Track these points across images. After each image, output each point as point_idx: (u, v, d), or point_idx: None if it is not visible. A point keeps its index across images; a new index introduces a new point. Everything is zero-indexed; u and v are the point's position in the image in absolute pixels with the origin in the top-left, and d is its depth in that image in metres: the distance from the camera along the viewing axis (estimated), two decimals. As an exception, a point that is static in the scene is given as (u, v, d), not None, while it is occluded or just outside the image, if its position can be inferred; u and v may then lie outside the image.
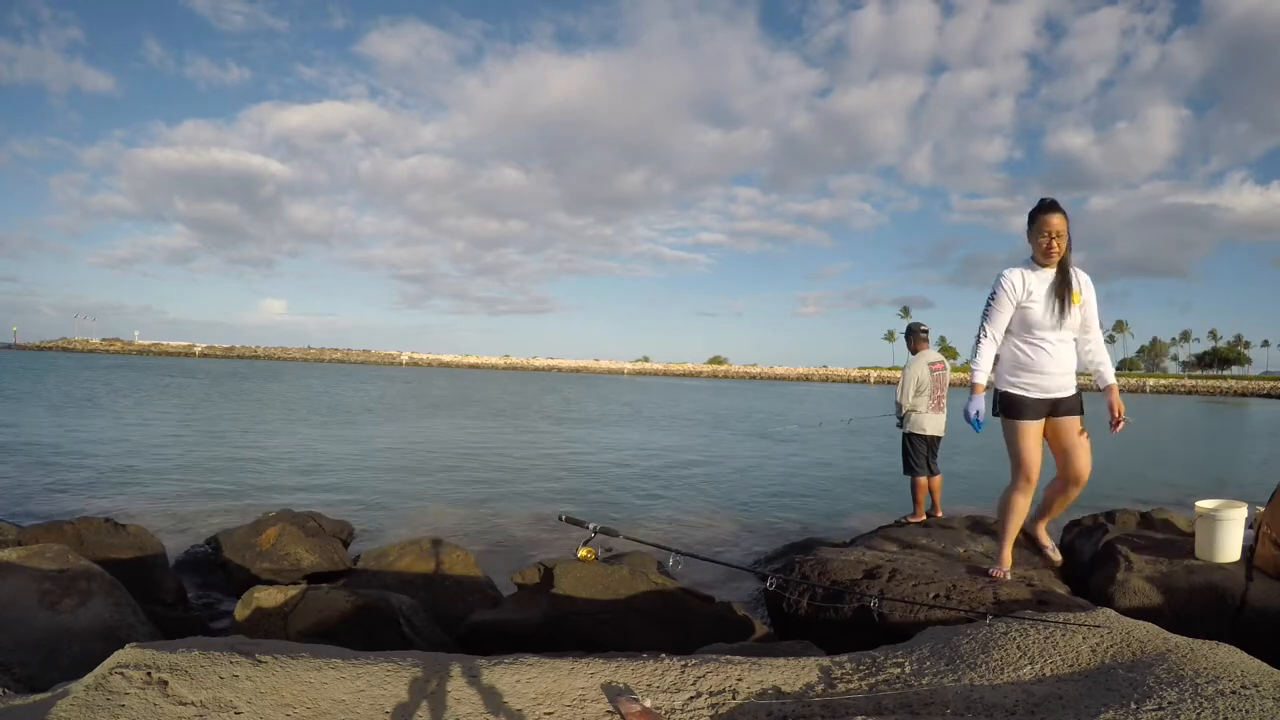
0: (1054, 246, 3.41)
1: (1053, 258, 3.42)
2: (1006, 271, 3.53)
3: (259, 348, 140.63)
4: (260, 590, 3.13)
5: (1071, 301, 3.45)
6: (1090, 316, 3.56)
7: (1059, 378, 3.52)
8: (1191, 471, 14.30)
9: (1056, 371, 3.50)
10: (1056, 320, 3.44)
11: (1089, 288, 3.57)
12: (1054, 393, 3.52)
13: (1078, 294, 3.48)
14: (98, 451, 11.76)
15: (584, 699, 1.52)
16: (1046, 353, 3.49)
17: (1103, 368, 3.62)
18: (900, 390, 6.68)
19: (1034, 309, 3.45)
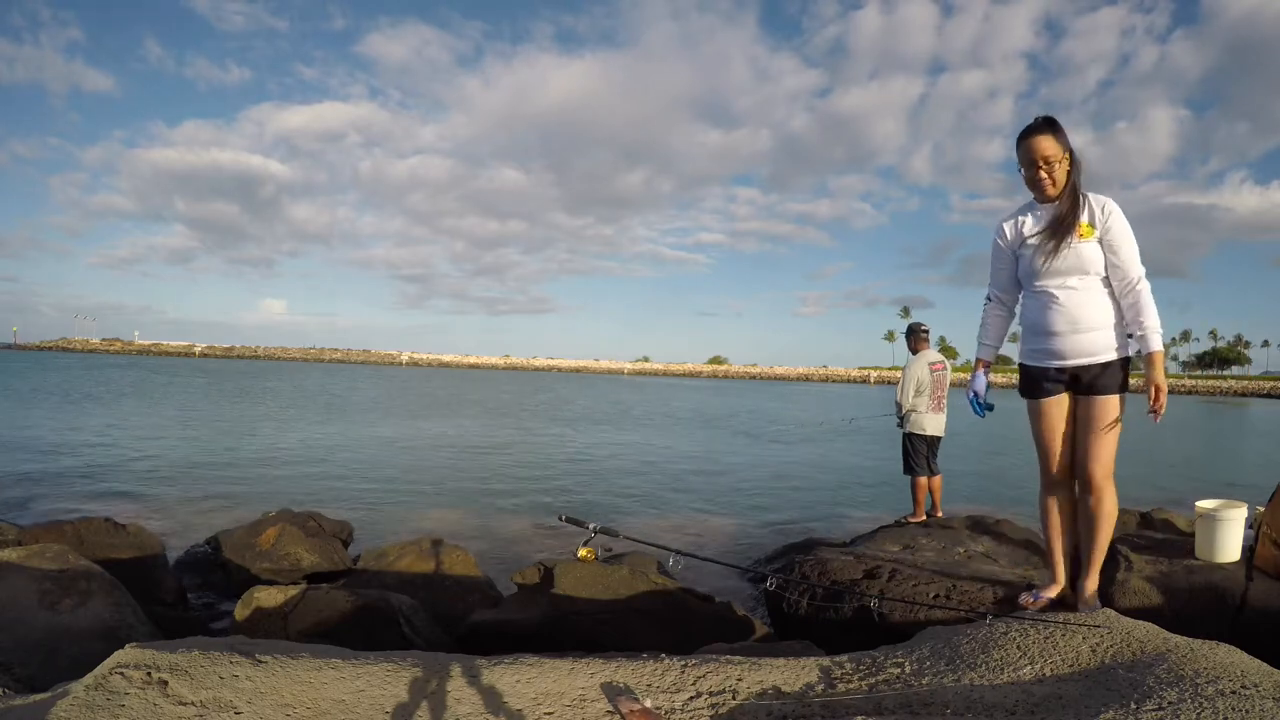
0: (1042, 177, 2.72)
1: (1046, 190, 2.74)
2: (1001, 220, 2.98)
3: (259, 348, 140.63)
4: (260, 590, 3.13)
5: (1079, 237, 2.71)
6: (1120, 253, 2.72)
7: (1074, 338, 2.75)
8: (1191, 471, 14.30)
9: (1067, 329, 2.75)
10: (1051, 262, 2.74)
11: (1113, 216, 2.74)
12: (1070, 358, 2.76)
13: (1088, 226, 2.72)
14: (98, 451, 11.76)
15: (584, 699, 1.52)
16: (1052, 307, 2.77)
17: (1141, 325, 2.70)
18: (900, 390, 6.68)
19: (1028, 253, 2.80)
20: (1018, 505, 9.34)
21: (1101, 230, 2.74)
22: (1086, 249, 2.73)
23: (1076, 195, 2.77)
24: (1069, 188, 2.76)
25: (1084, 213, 2.76)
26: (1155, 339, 2.71)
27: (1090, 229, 2.74)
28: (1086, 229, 2.73)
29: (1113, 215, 2.76)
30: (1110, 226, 2.74)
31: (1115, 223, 2.76)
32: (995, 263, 2.97)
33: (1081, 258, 2.74)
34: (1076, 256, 2.73)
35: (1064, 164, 2.73)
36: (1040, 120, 2.79)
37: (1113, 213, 2.77)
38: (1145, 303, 2.73)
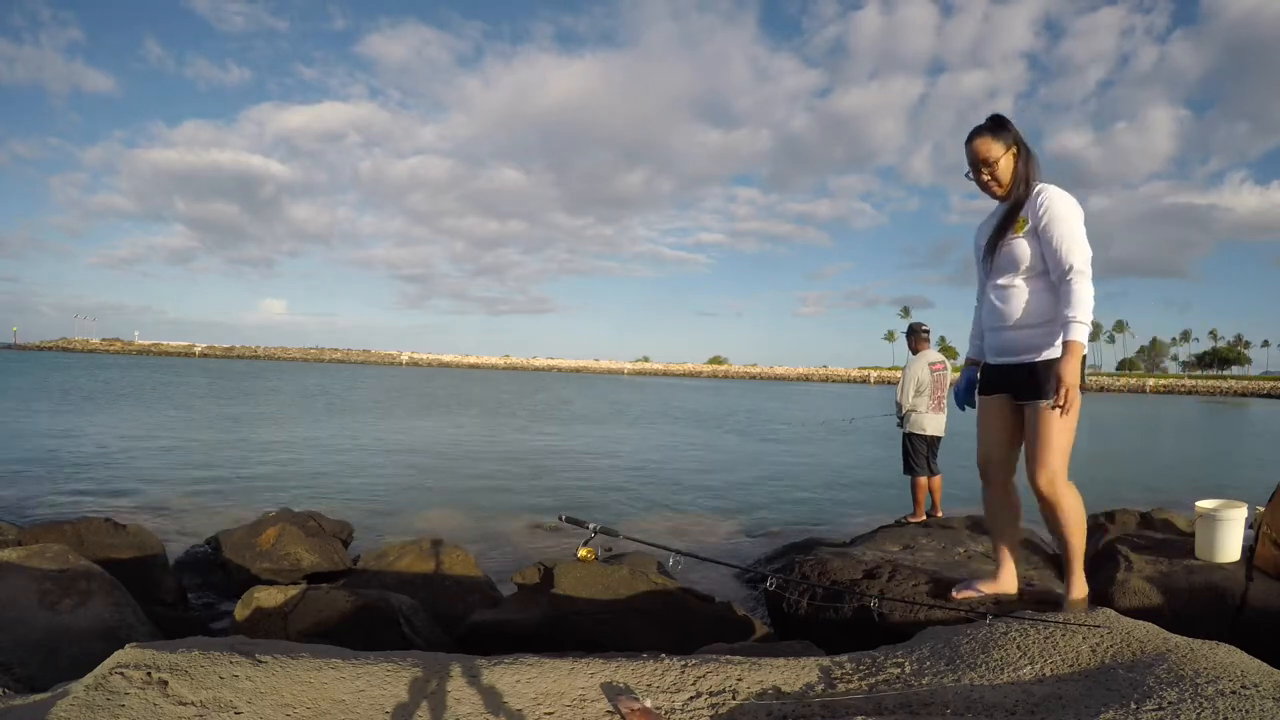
0: (986, 179, 2.68)
1: (993, 191, 2.70)
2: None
3: (259, 348, 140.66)
4: (260, 590, 3.13)
5: (1015, 232, 2.63)
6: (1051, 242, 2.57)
7: (1001, 335, 2.72)
8: (1191, 471, 14.30)
9: (997, 326, 2.73)
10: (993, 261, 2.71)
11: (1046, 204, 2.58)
12: (997, 356, 2.77)
13: (1022, 220, 2.63)
14: (98, 451, 11.76)
15: (584, 699, 1.52)
16: (991, 305, 2.75)
17: (1062, 315, 2.53)
18: (900, 390, 6.68)
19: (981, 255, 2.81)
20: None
21: (1035, 222, 2.62)
22: (1018, 245, 2.64)
23: (1025, 190, 2.67)
24: (1017, 183, 2.68)
25: (1026, 207, 2.66)
26: (1074, 329, 2.49)
27: (1024, 222, 2.64)
28: (1021, 223, 2.64)
29: (1045, 204, 2.59)
30: (1041, 216, 2.60)
31: (1047, 211, 2.59)
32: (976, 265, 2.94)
33: (1014, 254, 2.66)
34: (1010, 254, 2.66)
35: (1008, 161, 2.64)
36: (986, 122, 2.71)
37: (1045, 201, 2.60)
38: (1073, 293, 2.52)
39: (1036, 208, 2.59)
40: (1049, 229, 2.58)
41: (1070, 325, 2.50)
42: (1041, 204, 2.59)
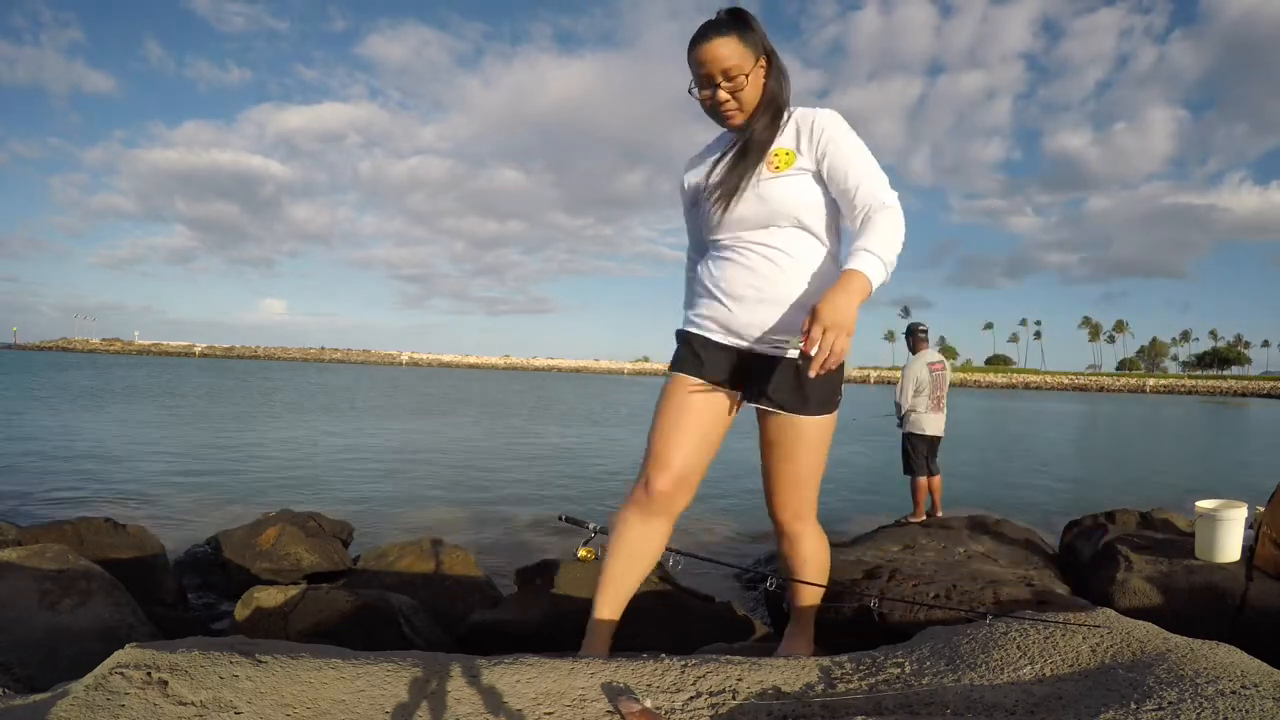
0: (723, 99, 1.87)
1: (730, 118, 1.91)
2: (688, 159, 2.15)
3: (259, 348, 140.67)
4: (260, 590, 3.13)
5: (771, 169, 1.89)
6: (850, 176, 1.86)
7: (759, 309, 1.90)
8: (1191, 471, 14.31)
9: (750, 294, 1.91)
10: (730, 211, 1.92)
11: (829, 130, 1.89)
12: (748, 334, 1.93)
13: (787, 153, 1.89)
14: (97, 451, 11.76)
15: (584, 699, 1.52)
16: (731, 266, 1.94)
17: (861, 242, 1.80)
18: (900, 390, 6.69)
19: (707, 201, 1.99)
20: (1018, 505, 9.34)
21: (815, 154, 1.89)
22: (781, 187, 1.88)
23: (776, 115, 1.93)
24: (766, 107, 1.91)
25: (783, 136, 1.92)
26: (866, 259, 1.76)
27: (791, 156, 1.89)
28: (784, 157, 1.89)
29: (826, 130, 1.88)
30: (824, 146, 1.88)
31: (833, 141, 1.88)
32: (685, 215, 2.17)
33: (774, 200, 1.88)
34: (771, 197, 1.88)
35: (757, 76, 1.87)
36: (719, 15, 1.88)
37: (826, 127, 1.89)
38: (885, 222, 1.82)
39: (813, 136, 1.89)
40: (845, 161, 1.87)
41: (862, 254, 1.77)
42: (820, 131, 1.89)
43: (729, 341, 1.97)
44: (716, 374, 1.99)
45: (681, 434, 1.97)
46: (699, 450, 1.99)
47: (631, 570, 2.00)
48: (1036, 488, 11.34)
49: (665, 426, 1.98)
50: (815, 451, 2.11)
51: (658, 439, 1.98)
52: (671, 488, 1.95)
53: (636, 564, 2.00)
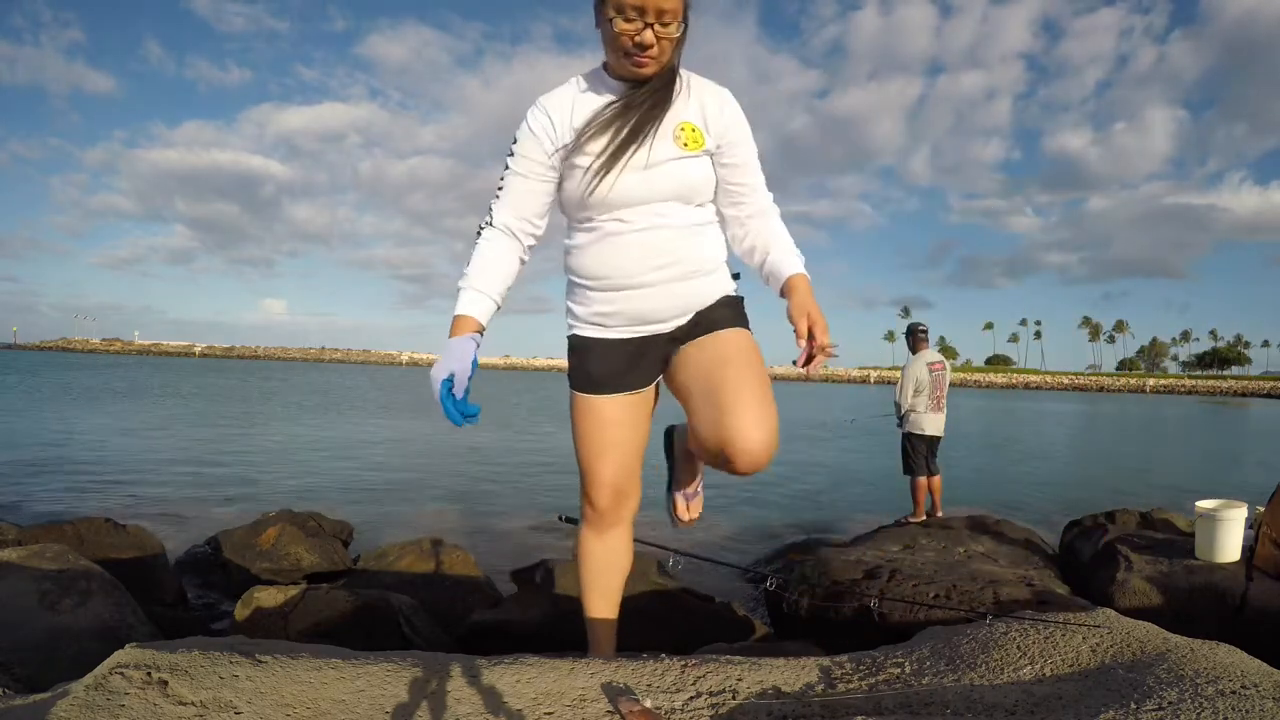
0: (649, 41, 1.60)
1: (643, 67, 1.65)
2: (538, 103, 1.75)
3: (259, 348, 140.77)
4: (260, 590, 3.13)
5: (680, 145, 1.71)
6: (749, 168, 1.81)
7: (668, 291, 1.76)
8: (1191, 471, 14.30)
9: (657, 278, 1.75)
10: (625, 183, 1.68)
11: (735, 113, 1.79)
12: (656, 323, 1.80)
13: (694, 129, 1.73)
14: (98, 451, 11.76)
15: (584, 699, 1.52)
16: (630, 245, 1.73)
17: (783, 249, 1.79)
18: (899, 390, 6.69)
19: (584, 166, 1.70)
20: (1018, 505, 9.34)
21: (718, 138, 1.76)
22: (694, 169, 1.73)
23: (673, 77, 1.73)
24: (669, 68, 1.71)
25: (687, 107, 1.74)
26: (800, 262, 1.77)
27: (699, 135, 1.73)
28: (693, 135, 1.72)
29: (738, 118, 1.79)
30: (733, 135, 1.78)
31: (739, 123, 1.79)
32: (516, 169, 1.75)
33: (681, 181, 1.73)
34: (671, 178, 1.71)
35: (677, 28, 1.63)
36: None
37: (737, 114, 1.79)
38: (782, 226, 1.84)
39: (722, 120, 1.76)
40: (746, 155, 1.80)
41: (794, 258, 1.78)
42: (729, 116, 1.77)
43: (635, 334, 1.81)
44: (622, 380, 1.84)
45: (606, 450, 1.87)
46: (627, 459, 1.90)
47: (609, 574, 1.99)
48: (1036, 488, 11.33)
49: (588, 449, 1.89)
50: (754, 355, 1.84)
51: (584, 460, 1.90)
52: (612, 501, 1.92)
53: (612, 571, 1.99)
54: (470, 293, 1.74)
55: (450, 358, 1.62)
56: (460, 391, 1.58)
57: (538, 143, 1.74)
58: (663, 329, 1.81)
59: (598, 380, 1.84)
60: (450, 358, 1.62)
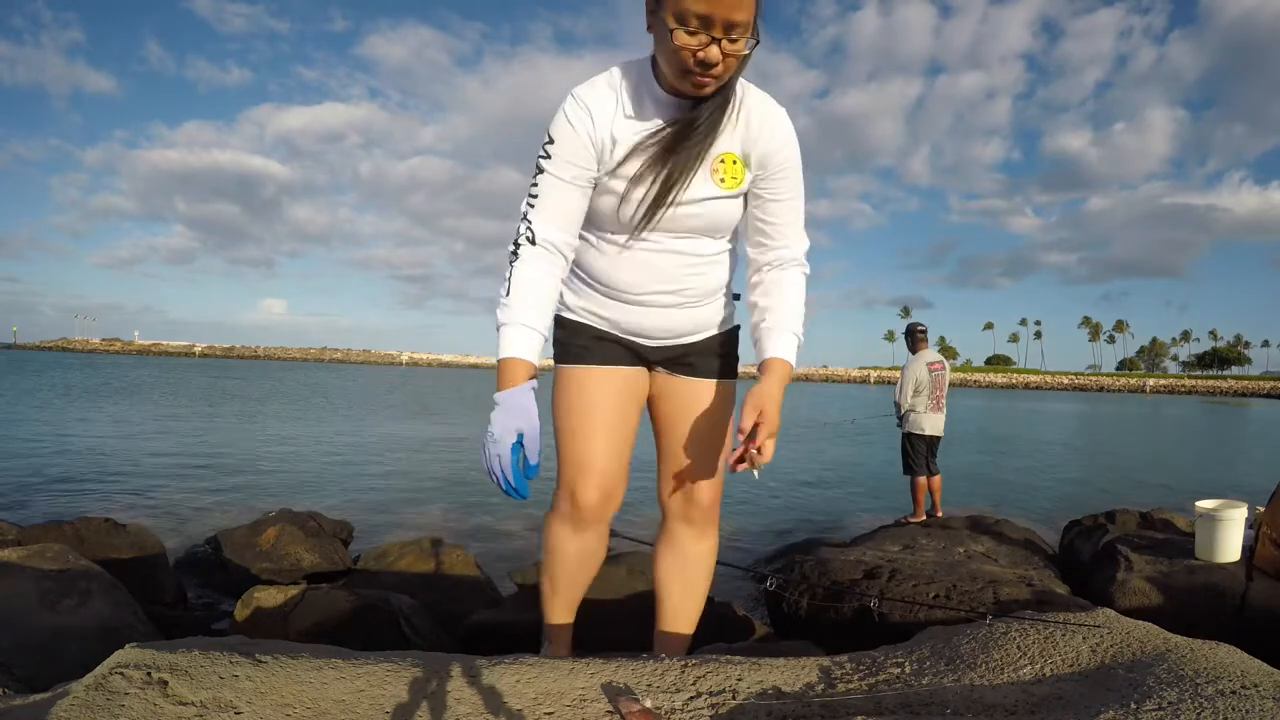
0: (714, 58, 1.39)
1: (701, 84, 1.45)
2: (577, 96, 1.54)
3: (259, 348, 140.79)
4: (260, 590, 3.13)
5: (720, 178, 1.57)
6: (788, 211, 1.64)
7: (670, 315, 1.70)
8: (1191, 471, 14.30)
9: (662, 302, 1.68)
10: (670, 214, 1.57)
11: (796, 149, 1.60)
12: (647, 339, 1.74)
13: (733, 160, 1.57)
14: (98, 451, 11.75)
15: (584, 699, 1.52)
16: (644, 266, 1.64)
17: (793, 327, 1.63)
18: (899, 390, 6.69)
19: (623, 188, 1.56)
20: (1018, 505, 9.34)
21: (758, 172, 1.59)
22: (728, 209, 1.62)
23: (730, 99, 1.54)
24: (733, 84, 1.53)
25: (731, 130, 1.56)
26: (791, 345, 1.62)
27: (740, 171, 1.58)
28: (734, 170, 1.57)
29: (789, 155, 1.59)
30: (780, 173, 1.60)
31: (791, 167, 1.60)
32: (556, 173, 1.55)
33: (715, 218, 1.61)
34: (703, 215, 1.59)
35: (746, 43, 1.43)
36: None
37: (788, 149, 1.59)
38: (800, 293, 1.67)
39: (767, 154, 1.58)
40: (790, 196, 1.63)
41: (788, 338, 1.62)
42: (778, 151, 1.58)
43: (623, 337, 1.75)
44: (615, 355, 1.74)
45: (597, 432, 1.72)
46: (620, 445, 1.76)
47: (582, 575, 1.90)
48: (1036, 488, 11.33)
49: (576, 431, 1.72)
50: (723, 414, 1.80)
51: (571, 445, 1.73)
52: (601, 497, 1.74)
53: (586, 572, 1.91)
54: (518, 329, 1.50)
55: (512, 414, 1.41)
56: (534, 456, 1.40)
57: (580, 143, 1.54)
58: (650, 342, 1.76)
59: (589, 351, 1.73)
60: (512, 414, 1.41)
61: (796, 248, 1.68)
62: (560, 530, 1.83)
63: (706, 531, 1.85)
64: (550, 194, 1.56)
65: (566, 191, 1.56)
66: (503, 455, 1.38)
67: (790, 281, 1.66)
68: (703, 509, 1.81)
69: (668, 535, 1.87)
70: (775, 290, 1.66)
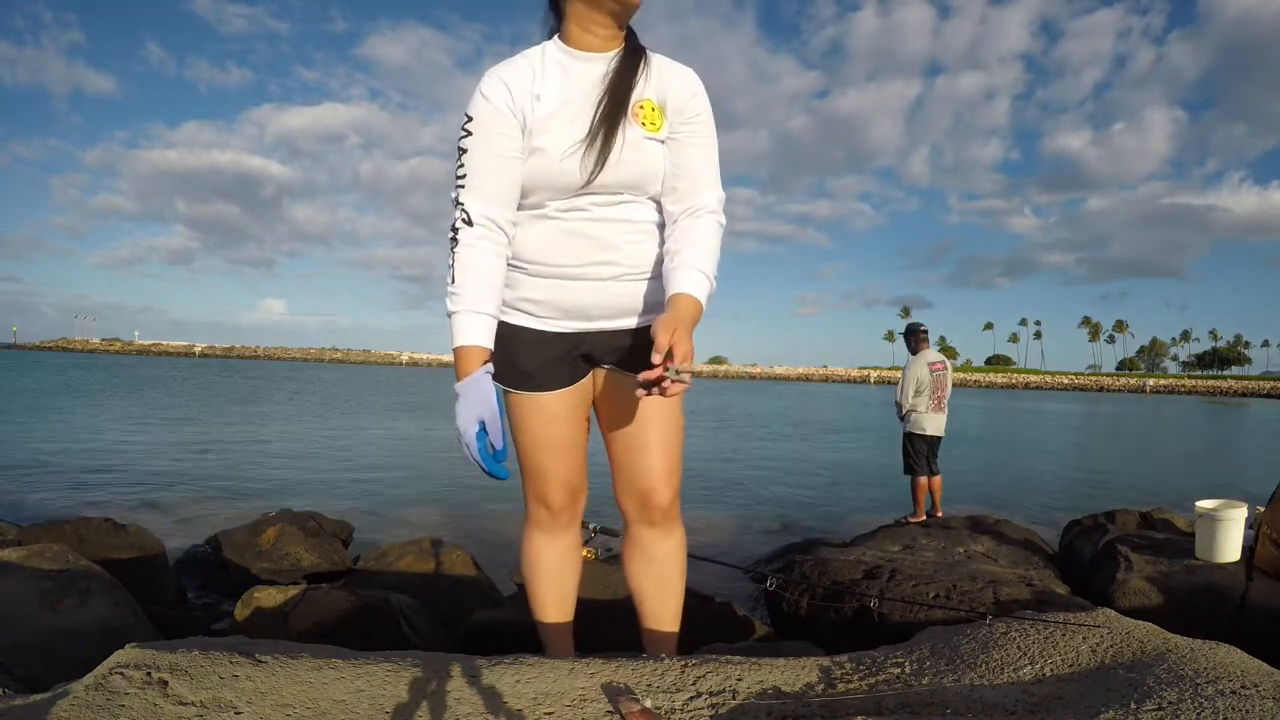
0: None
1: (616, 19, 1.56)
2: (490, 74, 1.57)
3: (259, 348, 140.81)
4: (260, 590, 3.13)
5: (642, 125, 1.57)
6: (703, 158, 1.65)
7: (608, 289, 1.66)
8: (1191, 471, 14.31)
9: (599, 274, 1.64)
10: (601, 169, 1.55)
11: (701, 96, 1.64)
12: (587, 319, 1.69)
13: (651, 105, 1.59)
14: (98, 451, 11.75)
15: (584, 699, 1.52)
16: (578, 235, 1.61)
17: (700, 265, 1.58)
18: (900, 390, 6.69)
19: (551, 146, 1.55)
20: (1018, 505, 9.34)
21: (675, 122, 1.61)
22: (654, 153, 1.60)
23: (642, 51, 1.62)
24: (631, 34, 1.63)
25: (645, 83, 1.60)
26: (701, 283, 1.57)
27: (659, 116, 1.59)
28: (653, 115, 1.58)
29: (702, 103, 1.64)
30: (694, 121, 1.62)
31: (705, 109, 1.64)
32: (482, 147, 1.55)
33: (644, 166, 1.59)
34: (635, 164, 1.58)
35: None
36: None
37: (701, 98, 1.64)
38: (714, 235, 1.63)
39: (683, 104, 1.61)
40: (704, 145, 1.64)
41: (697, 276, 1.56)
42: (691, 99, 1.62)
43: (563, 328, 1.69)
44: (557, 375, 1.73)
45: (558, 449, 1.78)
46: (578, 455, 1.82)
47: (566, 578, 1.95)
48: (1036, 488, 11.33)
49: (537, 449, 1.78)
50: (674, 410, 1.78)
51: (534, 460, 1.79)
52: (569, 499, 1.84)
53: (567, 574, 1.95)
54: (468, 316, 1.52)
55: (472, 402, 1.47)
56: (498, 441, 1.44)
57: (501, 114, 1.54)
58: (590, 326, 1.69)
59: (533, 376, 1.71)
60: (472, 402, 1.47)
61: (709, 195, 1.65)
62: (538, 539, 1.90)
63: (671, 530, 1.83)
64: (479, 170, 1.55)
65: (496, 164, 1.56)
66: (470, 444, 1.46)
67: (703, 226, 1.63)
68: (663, 509, 1.79)
69: (633, 540, 1.86)
70: (686, 234, 1.62)
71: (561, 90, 1.57)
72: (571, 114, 1.56)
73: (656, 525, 1.81)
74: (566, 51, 1.60)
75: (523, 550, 1.93)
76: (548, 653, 1.98)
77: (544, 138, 1.55)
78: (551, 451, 1.78)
